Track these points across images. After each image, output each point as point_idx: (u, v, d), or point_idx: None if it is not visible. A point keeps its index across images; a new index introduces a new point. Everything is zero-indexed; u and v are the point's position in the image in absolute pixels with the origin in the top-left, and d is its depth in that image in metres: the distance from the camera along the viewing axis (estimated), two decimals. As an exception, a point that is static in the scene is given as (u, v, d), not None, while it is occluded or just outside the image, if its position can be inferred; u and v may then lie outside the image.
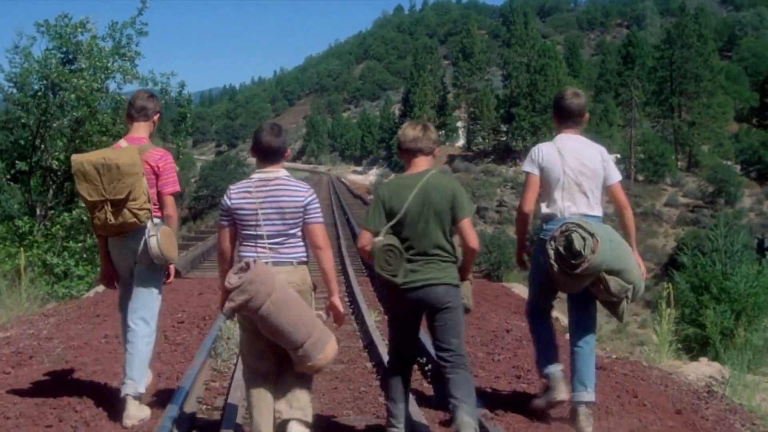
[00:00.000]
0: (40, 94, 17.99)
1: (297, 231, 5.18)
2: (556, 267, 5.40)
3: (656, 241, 75.33)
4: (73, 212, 17.75)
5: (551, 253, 5.41)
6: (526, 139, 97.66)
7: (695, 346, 13.36)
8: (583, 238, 5.24)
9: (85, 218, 17.51)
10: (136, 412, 5.76)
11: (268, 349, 5.11)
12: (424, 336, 6.84)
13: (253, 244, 5.13)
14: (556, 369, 5.66)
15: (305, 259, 5.21)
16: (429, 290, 5.08)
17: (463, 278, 5.36)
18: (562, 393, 5.54)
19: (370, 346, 8.79)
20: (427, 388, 7.07)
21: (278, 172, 5.22)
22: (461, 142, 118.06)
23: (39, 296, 13.91)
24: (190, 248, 18.27)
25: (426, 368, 7.33)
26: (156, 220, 5.79)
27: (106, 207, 5.60)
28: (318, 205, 5.23)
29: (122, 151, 5.73)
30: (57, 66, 17.99)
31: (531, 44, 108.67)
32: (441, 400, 5.87)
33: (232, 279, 4.86)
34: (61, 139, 18.64)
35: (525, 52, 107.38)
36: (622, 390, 6.52)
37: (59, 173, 18.69)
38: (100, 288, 13.43)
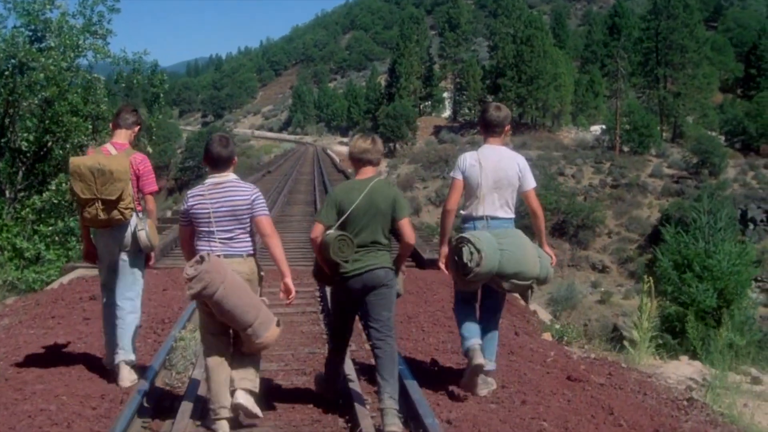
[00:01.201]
0: (7, 73, 17.39)
1: (246, 227, 5.96)
2: (453, 270, 6.40)
3: (641, 212, 75.34)
4: (44, 195, 17.27)
5: (451, 259, 6.40)
6: (513, 111, 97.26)
7: (677, 324, 13.13)
8: (471, 253, 6.09)
9: (55, 201, 17.07)
10: (128, 375, 6.82)
11: (222, 328, 5.93)
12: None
13: (207, 240, 5.90)
14: (473, 343, 6.39)
15: (253, 252, 6.03)
16: (371, 273, 5.96)
17: (397, 269, 6.22)
18: (479, 359, 6.29)
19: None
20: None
21: (228, 176, 6.00)
22: (447, 113, 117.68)
23: (7, 282, 13.49)
24: (163, 232, 17.73)
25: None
26: (140, 215, 6.95)
27: (97, 204, 6.64)
28: (263, 200, 6.09)
29: (115, 159, 6.74)
30: (25, 45, 17.45)
31: (517, 15, 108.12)
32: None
33: (189, 270, 5.64)
34: (31, 120, 18.12)
35: (511, 22, 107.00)
36: (597, 406, 6.16)
37: (29, 154, 18.21)
38: (73, 275, 13.07)
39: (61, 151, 18.42)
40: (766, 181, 74.96)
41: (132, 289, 6.98)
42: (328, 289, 8.55)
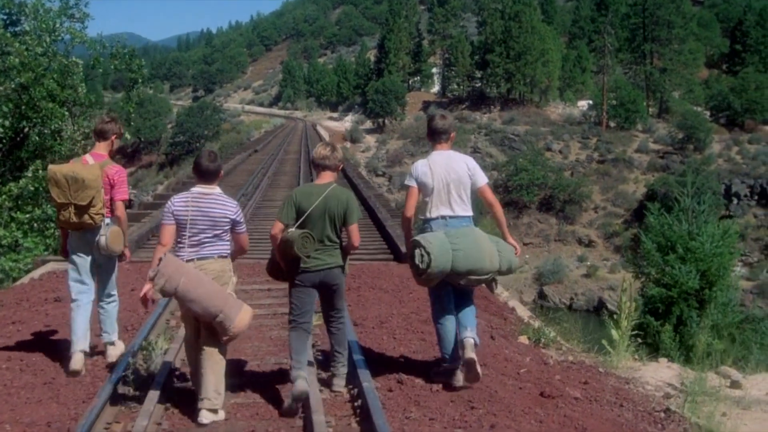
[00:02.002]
0: None
1: (222, 234, 6.53)
2: (411, 270, 6.85)
3: (627, 187, 75.46)
4: (20, 181, 16.95)
5: (409, 260, 6.84)
6: (500, 86, 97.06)
7: (660, 306, 12.98)
8: (422, 255, 6.53)
9: (32, 188, 16.78)
10: (114, 351, 7.72)
11: (192, 320, 6.49)
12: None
13: (181, 242, 6.45)
14: (462, 338, 6.74)
15: (225, 255, 6.58)
16: (328, 272, 6.72)
17: (343, 258, 6.86)
18: (470, 354, 6.57)
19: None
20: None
21: (213, 189, 6.56)
22: (436, 88, 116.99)
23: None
24: (141, 220, 17.31)
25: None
26: (107, 221, 7.56)
27: (70, 209, 7.30)
28: (243, 219, 6.70)
29: (88, 168, 7.41)
30: None
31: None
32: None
33: (150, 273, 6.19)
34: (7, 105, 17.70)
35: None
36: (570, 426, 5.87)
37: (5, 140, 17.86)
38: (44, 269, 12.80)
39: (37, 138, 18.10)
40: (750, 157, 75.00)
41: (111, 286, 7.85)
42: None
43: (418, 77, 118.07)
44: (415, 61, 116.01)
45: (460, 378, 6.68)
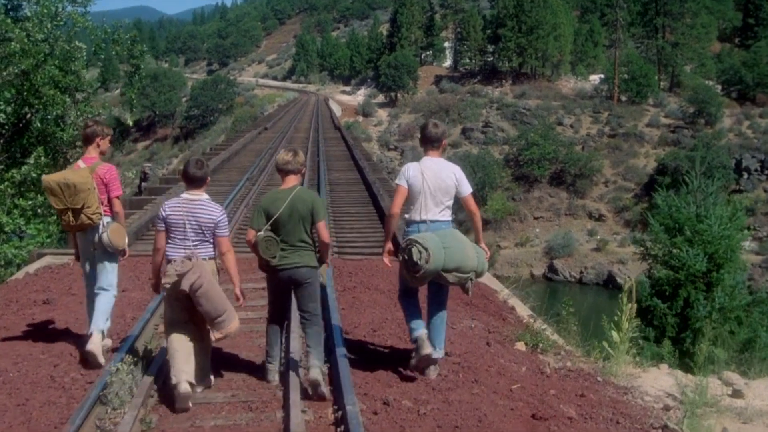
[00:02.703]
0: None
1: (209, 237, 7.00)
2: (405, 270, 7.07)
3: (637, 161, 74.97)
4: (23, 168, 16.75)
5: (401, 259, 7.06)
6: (512, 60, 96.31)
7: (667, 289, 12.79)
8: (420, 252, 6.81)
9: (34, 175, 16.61)
10: (95, 340, 7.66)
11: (185, 318, 6.91)
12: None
13: (179, 245, 6.92)
14: (420, 333, 7.21)
15: (212, 256, 7.06)
16: (296, 270, 7.07)
17: (321, 262, 7.27)
18: (426, 349, 7.13)
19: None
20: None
21: (201, 195, 7.05)
22: (448, 62, 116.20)
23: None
24: (140, 211, 16.83)
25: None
26: (107, 219, 7.90)
27: (69, 213, 7.67)
28: (227, 222, 7.14)
29: (78, 173, 7.73)
30: None
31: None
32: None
33: (177, 266, 6.66)
34: (9, 91, 17.38)
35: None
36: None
37: (7, 126, 17.61)
38: (40, 264, 12.55)
39: (39, 124, 17.87)
40: (761, 131, 74.30)
41: (107, 281, 8.01)
42: None
43: (431, 51, 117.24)
44: (427, 35, 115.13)
45: (432, 372, 7.29)
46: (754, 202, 66.61)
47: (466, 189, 7.34)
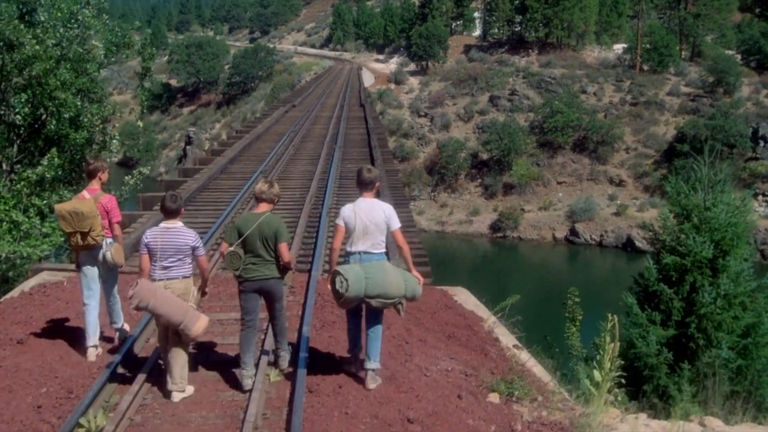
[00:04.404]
0: None
1: (185, 258, 8.10)
2: (332, 295, 7.81)
3: (657, 129, 73.99)
4: (38, 168, 16.68)
5: (330, 286, 7.80)
6: (539, 30, 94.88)
7: (673, 275, 12.51)
8: (341, 282, 7.54)
9: (48, 176, 16.60)
10: (121, 334, 9.39)
11: (166, 328, 8.00)
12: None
13: (156, 266, 8.03)
14: (358, 348, 8.24)
15: (188, 275, 8.16)
16: (264, 281, 8.10)
17: (284, 273, 8.31)
18: (352, 367, 8.21)
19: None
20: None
21: (176, 224, 8.16)
22: (477, 32, 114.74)
23: (2, 258, 13.05)
24: (134, 225, 16.09)
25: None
26: (109, 240, 9.13)
27: (77, 235, 8.82)
28: (201, 244, 8.27)
29: (84, 203, 8.86)
30: (12, 21, 16.57)
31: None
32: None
33: (129, 292, 7.79)
34: (26, 92, 17.29)
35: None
36: None
37: (23, 128, 17.53)
38: (35, 281, 12.42)
39: (52, 126, 17.78)
40: (778, 100, 72.85)
41: (112, 289, 9.34)
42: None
43: (461, 21, 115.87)
44: (457, 6, 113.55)
45: (370, 382, 7.96)
46: (769, 169, 65.72)
47: (395, 224, 8.06)
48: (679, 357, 11.77)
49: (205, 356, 8.92)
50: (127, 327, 9.47)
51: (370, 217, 7.97)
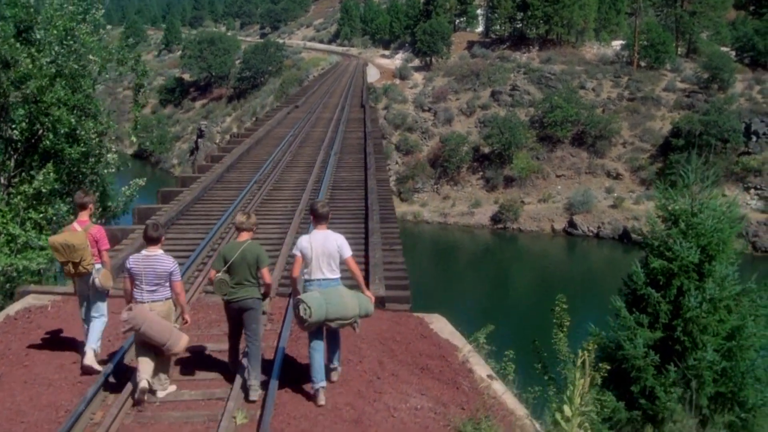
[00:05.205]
0: None
1: (166, 283, 8.81)
2: (296, 321, 8.55)
3: (654, 124, 73.88)
4: (34, 183, 16.65)
5: (294, 312, 8.57)
6: (540, 27, 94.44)
7: (661, 279, 12.48)
8: (305, 309, 8.25)
9: (44, 190, 16.58)
10: (90, 355, 9.47)
11: (148, 346, 8.63)
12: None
13: (140, 290, 8.75)
14: (318, 379, 8.68)
15: (169, 297, 8.89)
16: (244, 301, 8.81)
17: (264, 297, 9.07)
18: (317, 384, 8.67)
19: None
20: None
21: (156, 251, 8.84)
22: (480, 28, 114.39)
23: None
24: (124, 241, 15.73)
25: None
26: (98, 266, 9.66)
27: (69, 265, 9.40)
28: (177, 270, 8.92)
29: (75, 235, 9.43)
30: (8, 39, 16.54)
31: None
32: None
33: (123, 315, 8.54)
34: (24, 107, 17.21)
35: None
36: None
37: (20, 142, 17.49)
38: (20, 305, 12.09)
39: (48, 142, 17.68)
40: (770, 96, 72.56)
41: (98, 311, 9.76)
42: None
43: (464, 18, 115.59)
44: (461, 3, 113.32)
45: (322, 398, 8.58)
46: (762, 164, 65.49)
47: (347, 253, 8.78)
48: (665, 359, 11.78)
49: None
50: (96, 353, 9.63)
51: (324, 246, 8.67)
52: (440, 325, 11.90)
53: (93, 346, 9.60)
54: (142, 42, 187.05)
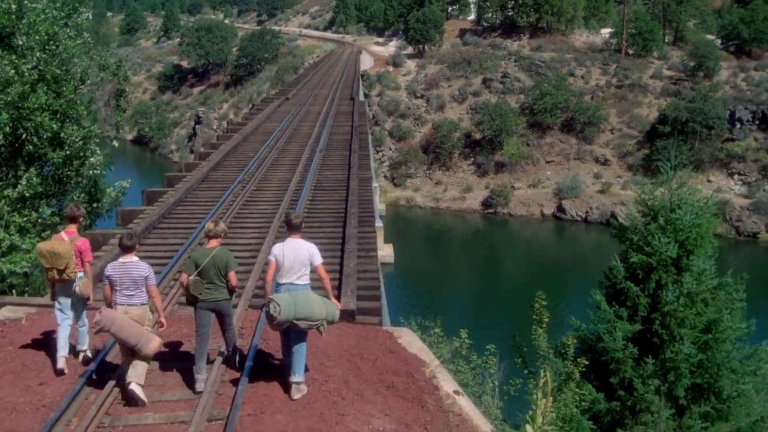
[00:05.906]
0: None
1: (142, 288, 9.15)
2: (266, 320, 9.01)
3: (641, 111, 73.95)
4: (17, 188, 16.52)
5: (263, 312, 9.16)
6: (530, 15, 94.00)
7: (640, 273, 12.51)
8: (275, 307, 8.71)
9: (27, 195, 16.48)
10: (84, 357, 10.07)
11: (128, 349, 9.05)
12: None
13: (118, 294, 9.14)
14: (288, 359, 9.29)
15: (145, 303, 9.25)
16: (216, 303, 9.41)
17: (230, 294, 9.56)
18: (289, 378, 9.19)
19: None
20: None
21: (132, 258, 9.22)
22: (472, 17, 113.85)
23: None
24: (99, 254, 14.33)
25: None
26: (80, 274, 9.96)
27: (54, 271, 9.67)
28: (153, 275, 9.28)
29: (62, 244, 9.73)
30: None
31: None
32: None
33: (96, 317, 8.91)
34: (7, 111, 16.91)
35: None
36: None
37: (4, 147, 17.30)
38: (3, 315, 11.86)
39: (31, 146, 17.49)
40: (754, 83, 72.71)
41: (81, 317, 10.12)
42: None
43: (456, 6, 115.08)
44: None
45: (294, 392, 8.98)
46: (745, 150, 65.63)
47: (317, 261, 9.35)
48: (644, 351, 11.87)
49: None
50: (89, 354, 10.06)
51: (296, 254, 9.23)
52: (409, 339, 11.38)
53: (83, 348, 10.12)
54: (141, 29, 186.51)
